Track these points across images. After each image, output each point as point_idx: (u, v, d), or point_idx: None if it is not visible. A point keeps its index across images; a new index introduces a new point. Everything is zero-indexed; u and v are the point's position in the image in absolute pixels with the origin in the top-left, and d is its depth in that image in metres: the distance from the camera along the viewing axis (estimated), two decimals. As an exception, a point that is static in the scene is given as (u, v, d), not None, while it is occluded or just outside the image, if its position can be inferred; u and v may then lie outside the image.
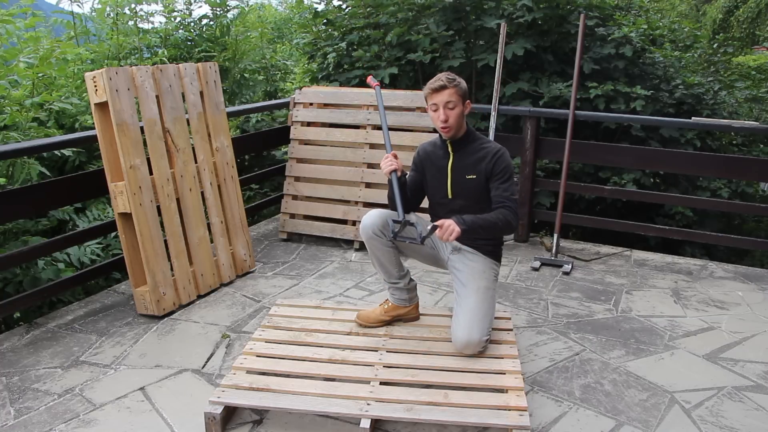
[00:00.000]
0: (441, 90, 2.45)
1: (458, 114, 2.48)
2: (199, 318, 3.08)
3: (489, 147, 2.53)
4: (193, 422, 2.21)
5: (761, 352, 2.83)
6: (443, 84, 2.45)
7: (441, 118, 2.47)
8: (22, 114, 3.59)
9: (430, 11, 5.32)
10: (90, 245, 3.64)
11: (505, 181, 2.49)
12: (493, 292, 2.58)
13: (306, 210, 4.26)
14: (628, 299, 3.40)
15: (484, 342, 2.44)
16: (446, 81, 2.45)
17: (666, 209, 5.11)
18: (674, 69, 5.41)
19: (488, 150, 2.52)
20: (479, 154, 2.52)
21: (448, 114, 2.46)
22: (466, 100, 2.51)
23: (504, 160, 2.50)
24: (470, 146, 2.55)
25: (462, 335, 2.42)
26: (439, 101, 2.46)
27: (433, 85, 2.47)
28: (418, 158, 2.68)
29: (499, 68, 4.10)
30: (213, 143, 3.48)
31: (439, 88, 2.45)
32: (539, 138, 4.24)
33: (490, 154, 2.50)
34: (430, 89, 2.48)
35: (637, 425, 2.26)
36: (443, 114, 2.46)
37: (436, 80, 2.48)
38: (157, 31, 5.65)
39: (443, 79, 2.46)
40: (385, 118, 2.76)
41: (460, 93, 2.47)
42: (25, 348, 2.76)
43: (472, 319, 2.44)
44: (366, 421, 2.06)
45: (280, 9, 16.69)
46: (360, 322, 2.68)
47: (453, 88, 2.45)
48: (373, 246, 2.58)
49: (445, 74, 2.50)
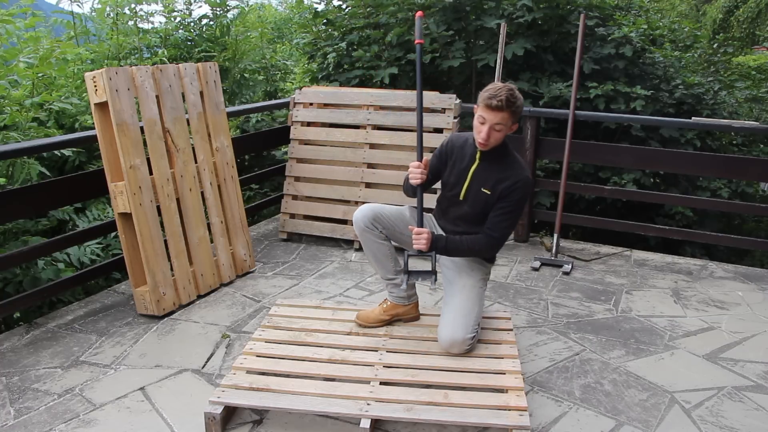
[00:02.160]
0: (497, 110, 2.27)
1: (502, 136, 2.36)
2: (199, 318, 3.08)
3: (514, 171, 2.41)
4: (193, 422, 2.21)
5: (761, 352, 2.83)
6: (500, 105, 2.25)
7: (482, 135, 2.33)
8: (22, 114, 3.59)
9: (430, 11, 5.32)
10: (90, 245, 3.63)
11: (507, 212, 2.41)
12: (479, 290, 2.57)
13: (306, 210, 4.25)
14: (628, 299, 3.40)
15: (469, 340, 2.43)
16: (505, 102, 2.25)
17: (666, 209, 5.11)
18: (674, 69, 5.42)
19: (512, 174, 2.40)
20: (503, 174, 2.41)
21: (492, 135, 2.32)
22: (516, 122, 2.37)
23: (519, 192, 2.40)
24: (499, 161, 2.44)
25: (446, 334, 2.43)
26: (489, 119, 2.30)
27: (491, 102, 2.27)
28: (444, 149, 2.57)
29: (499, 68, 4.10)
30: (213, 143, 3.48)
31: (495, 107, 2.26)
32: (539, 138, 4.24)
33: (512, 180, 2.39)
34: (486, 105, 2.29)
35: (637, 425, 2.26)
36: (486, 133, 2.31)
37: (494, 95, 2.26)
38: (157, 31, 5.64)
39: (503, 99, 2.25)
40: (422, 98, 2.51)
41: (513, 117, 2.31)
42: (25, 348, 2.76)
43: (455, 317, 2.44)
44: (366, 421, 2.06)
45: (280, 9, 16.69)
46: (360, 323, 2.68)
47: (509, 112, 2.28)
48: (366, 240, 2.58)
49: (507, 91, 2.27)
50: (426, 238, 2.38)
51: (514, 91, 2.31)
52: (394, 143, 4.07)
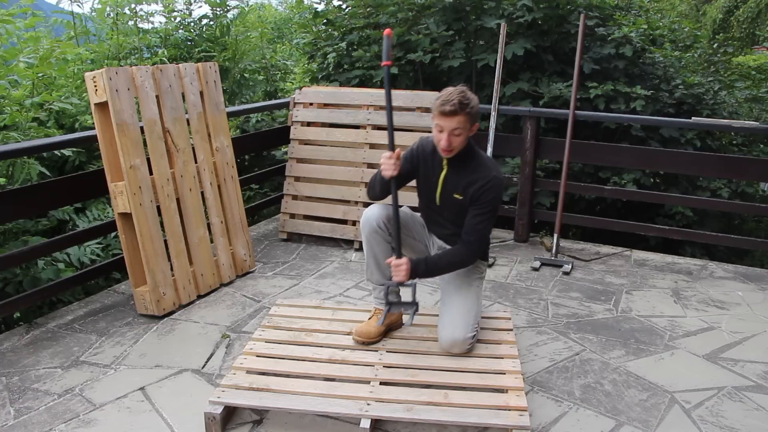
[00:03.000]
0: (451, 116, 2.24)
1: (463, 140, 2.32)
2: (199, 318, 3.08)
3: (482, 172, 2.37)
4: (193, 422, 2.21)
5: (761, 352, 2.83)
6: (454, 109, 2.22)
7: (443, 144, 2.29)
8: (22, 114, 3.59)
9: (430, 11, 5.32)
10: (90, 245, 3.63)
11: (480, 214, 2.37)
12: (477, 289, 2.56)
13: (306, 210, 4.25)
14: (628, 299, 3.40)
15: (470, 339, 2.43)
16: (458, 106, 2.22)
17: (666, 209, 5.11)
18: (674, 69, 5.41)
19: (480, 175, 2.37)
20: (472, 177, 2.38)
21: (452, 140, 2.29)
22: (475, 123, 2.33)
23: (491, 192, 2.36)
24: (466, 165, 2.40)
25: (446, 334, 2.42)
26: (446, 126, 2.26)
27: (444, 108, 2.24)
28: (413, 154, 2.50)
29: (499, 68, 4.10)
30: (213, 143, 3.48)
31: (449, 113, 2.23)
32: (539, 138, 4.24)
33: (482, 181, 2.35)
34: (440, 112, 2.26)
35: (637, 425, 2.26)
36: (446, 140, 2.28)
37: (447, 101, 2.24)
38: (157, 31, 5.65)
39: (455, 103, 2.22)
40: (391, 103, 2.43)
41: (470, 119, 2.28)
42: (25, 348, 2.76)
43: (454, 317, 2.44)
44: (366, 421, 2.06)
45: (280, 9, 16.70)
46: (361, 340, 2.53)
47: (464, 115, 2.24)
48: (373, 241, 2.50)
49: (459, 94, 2.25)
50: (405, 269, 2.32)
51: (466, 93, 2.27)
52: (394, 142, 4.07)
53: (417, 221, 2.69)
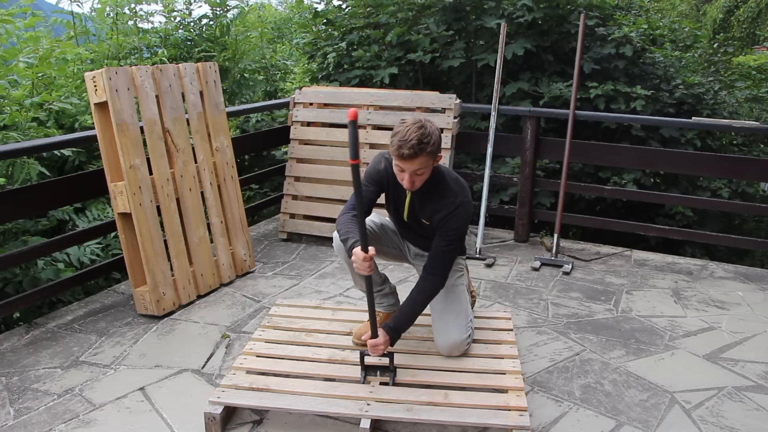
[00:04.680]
0: (411, 159, 2.08)
1: (426, 176, 2.19)
2: (199, 318, 3.08)
3: (449, 200, 2.27)
4: (193, 422, 2.21)
5: (761, 352, 2.83)
6: (413, 153, 2.06)
7: (405, 184, 2.17)
8: (21, 114, 3.58)
9: (430, 11, 5.31)
10: (90, 245, 3.63)
11: (447, 241, 2.28)
12: (462, 288, 2.54)
13: (306, 210, 4.25)
14: (629, 299, 3.39)
15: (467, 340, 2.43)
16: (417, 149, 2.06)
17: (666, 209, 5.11)
18: (674, 69, 5.41)
19: (447, 203, 2.27)
20: (437, 205, 2.28)
21: (415, 179, 2.17)
22: (438, 155, 2.17)
23: (456, 221, 2.26)
24: (432, 192, 2.29)
25: (443, 340, 2.41)
26: (407, 168, 2.12)
27: (402, 152, 2.07)
28: (378, 175, 2.34)
29: (499, 68, 4.10)
30: (213, 143, 3.48)
31: (408, 156, 2.07)
32: (539, 138, 4.24)
33: (447, 210, 2.26)
34: (398, 156, 2.09)
35: (637, 425, 2.26)
36: (408, 181, 2.15)
37: (404, 143, 2.06)
38: (157, 31, 5.64)
39: (414, 146, 2.05)
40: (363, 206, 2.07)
41: (432, 156, 2.12)
42: (25, 348, 2.76)
43: (447, 321, 2.43)
44: (366, 421, 2.06)
45: (280, 9, 16.70)
46: (359, 342, 2.50)
47: (424, 155, 2.09)
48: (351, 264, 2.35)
49: (417, 132, 2.07)
50: (382, 348, 2.22)
51: (425, 130, 2.09)
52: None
53: (388, 229, 2.61)
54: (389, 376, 2.28)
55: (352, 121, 1.90)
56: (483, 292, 3.44)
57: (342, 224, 2.29)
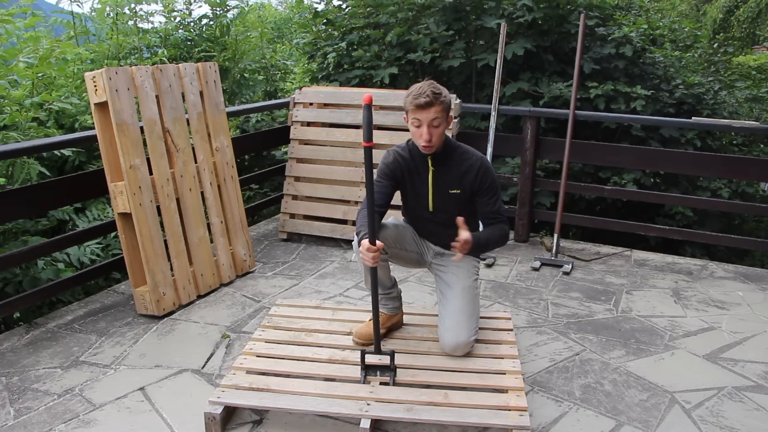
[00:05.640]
0: (427, 107, 2.23)
1: (442, 132, 2.30)
2: (199, 318, 3.08)
3: (471, 159, 2.40)
4: (193, 422, 2.21)
5: (761, 352, 2.83)
6: (429, 100, 2.22)
7: (425, 137, 2.27)
8: (21, 114, 3.58)
9: (430, 11, 5.31)
10: (90, 245, 3.63)
11: (493, 195, 2.42)
12: (477, 291, 2.58)
13: (306, 210, 4.25)
14: (629, 299, 3.39)
15: (473, 341, 2.44)
16: (432, 96, 2.22)
17: (666, 209, 5.11)
18: (674, 69, 5.41)
19: (471, 163, 2.39)
20: (462, 167, 2.39)
21: (432, 132, 2.27)
22: (450, 113, 2.33)
23: (489, 174, 2.41)
24: (451, 158, 2.40)
25: (450, 338, 2.41)
26: (424, 118, 2.25)
27: (418, 100, 2.23)
28: (389, 169, 2.42)
29: (499, 68, 4.10)
30: (213, 143, 3.48)
31: (425, 104, 2.23)
32: (539, 138, 4.24)
33: (475, 168, 2.38)
34: (414, 105, 2.24)
35: (637, 425, 2.26)
36: (427, 133, 2.26)
37: (420, 94, 2.24)
38: (157, 31, 5.64)
39: (429, 94, 2.22)
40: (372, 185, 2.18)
41: (445, 108, 2.28)
42: (25, 348, 2.76)
43: (459, 321, 2.42)
44: (366, 421, 2.06)
45: (280, 9, 16.70)
46: (361, 342, 2.53)
47: (439, 104, 2.24)
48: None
49: (430, 86, 2.26)
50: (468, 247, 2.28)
51: (435, 84, 2.29)
52: (394, 143, 4.05)
53: (407, 231, 2.60)
54: (389, 376, 2.28)
55: (367, 105, 2.06)
56: (483, 292, 3.44)
57: (358, 220, 2.40)
